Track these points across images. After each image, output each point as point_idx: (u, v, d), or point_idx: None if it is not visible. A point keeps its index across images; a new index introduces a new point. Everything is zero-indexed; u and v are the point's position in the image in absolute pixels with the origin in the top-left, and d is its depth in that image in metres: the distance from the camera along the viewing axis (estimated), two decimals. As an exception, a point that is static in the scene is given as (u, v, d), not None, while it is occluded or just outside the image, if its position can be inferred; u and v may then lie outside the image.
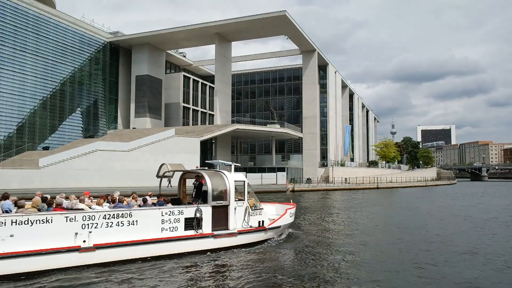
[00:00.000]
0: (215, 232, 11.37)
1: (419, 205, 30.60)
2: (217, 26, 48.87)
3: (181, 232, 10.81)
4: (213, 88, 58.21)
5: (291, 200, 16.42)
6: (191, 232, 10.93)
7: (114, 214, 9.85)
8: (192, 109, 60.55)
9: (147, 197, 11.49)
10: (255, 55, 67.77)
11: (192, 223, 10.99)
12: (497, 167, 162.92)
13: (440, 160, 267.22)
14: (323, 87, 63.59)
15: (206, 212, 11.28)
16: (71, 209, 9.84)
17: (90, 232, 9.41)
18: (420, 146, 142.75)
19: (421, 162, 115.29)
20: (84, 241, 9.30)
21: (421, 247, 12.70)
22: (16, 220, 8.56)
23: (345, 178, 56.66)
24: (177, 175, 14.47)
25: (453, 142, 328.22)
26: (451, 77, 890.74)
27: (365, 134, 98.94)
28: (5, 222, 8.43)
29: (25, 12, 40.82)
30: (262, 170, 50.68)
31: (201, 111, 63.03)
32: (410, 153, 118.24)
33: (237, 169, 13.16)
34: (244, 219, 12.06)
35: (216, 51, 51.19)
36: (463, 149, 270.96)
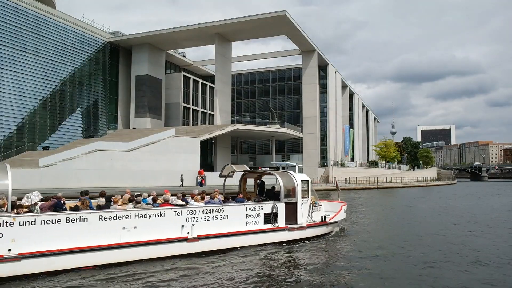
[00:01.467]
0: (289, 226, 12.91)
1: (442, 204, 31.11)
2: (217, 26, 48.87)
3: (261, 225, 12.35)
4: (213, 88, 58.20)
5: (339, 198, 17.72)
6: (269, 226, 12.46)
7: (210, 209, 11.39)
8: (192, 109, 60.54)
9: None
10: (255, 55, 67.77)
11: (270, 217, 12.51)
12: (497, 167, 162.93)
13: (440, 160, 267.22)
14: (323, 87, 63.58)
15: (281, 208, 12.82)
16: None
17: (193, 225, 10.96)
18: (420, 146, 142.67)
19: (421, 162, 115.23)
20: (188, 233, 10.83)
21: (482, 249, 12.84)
22: (138, 214, 10.06)
23: (345, 178, 56.65)
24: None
25: (453, 142, 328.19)
26: (451, 77, 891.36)
27: (365, 134, 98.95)
28: (130, 216, 9.93)
29: (25, 12, 40.81)
30: (262, 170, 50.65)
31: (201, 111, 63.02)
32: (410, 153, 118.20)
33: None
34: (308, 215, 13.52)
35: (216, 51, 51.19)
36: (463, 149, 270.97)
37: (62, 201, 10.33)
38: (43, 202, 10.00)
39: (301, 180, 13.53)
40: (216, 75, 52.29)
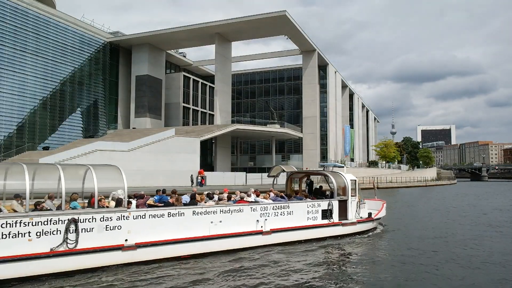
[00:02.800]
0: (343, 221, 14.26)
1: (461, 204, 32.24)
2: (217, 26, 48.86)
3: (319, 221, 13.64)
4: (213, 88, 58.18)
5: (375, 196, 18.83)
6: (325, 221, 13.77)
7: (278, 206, 12.67)
8: (192, 109, 60.52)
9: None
10: (256, 55, 67.75)
11: (326, 213, 13.81)
12: (497, 167, 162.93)
13: (440, 160, 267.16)
14: (323, 87, 63.56)
15: (335, 205, 14.13)
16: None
17: (265, 219, 12.22)
18: (420, 146, 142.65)
19: (421, 162, 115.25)
20: (261, 226, 12.10)
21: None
22: (223, 209, 11.41)
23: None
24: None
25: (453, 142, 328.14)
26: (452, 77, 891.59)
27: (365, 134, 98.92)
28: (216, 211, 11.29)
29: (25, 12, 40.81)
30: (262, 170, 50.60)
31: (201, 111, 63.00)
32: (410, 153, 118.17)
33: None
34: (356, 211, 14.78)
35: (216, 51, 51.17)
36: (463, 149, 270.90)
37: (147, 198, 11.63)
38: (139, 199, 11.21)
39: (350, 180, 14.78)
40: (216, 75, 52.28)
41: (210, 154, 53.63)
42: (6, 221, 8.25)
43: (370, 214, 15.46)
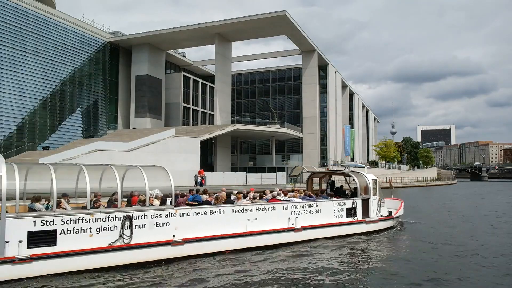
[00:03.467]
0: (366, 219, 14.98)
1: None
2: (217, 26, 48.85)
3: (344, 218, 14.33)
4: (213, 88, 58.16)
5: (392, 195, 19.41)
6: (350, 219, 14.46)
7: (308, 204, 13.38)
8: (192, 109, 60.49)
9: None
10: (256, 55, 67.74)
11: (351, 212, 14.51)
12: (497, 167, 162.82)
13: (440, 160, 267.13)
14: (323, 87, 63.54)
15: (358, 204, 14.81)
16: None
17: (296, 217, 12.91)
18: (420, 146, 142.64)
19: (421, 162, 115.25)
20: (292, 224, 12.77)
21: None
22: (256, 208, 12.09)
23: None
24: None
25: (453, 142, 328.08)
26: (452, 77, 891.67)
27: (365, 134, 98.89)
28: (252, 209, 11.97)
29: (25, 12, 40.80)
30: (262, 170, 50.57)
31: (201, 111, 62.97)
32: (410, 153, 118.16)
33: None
34: (377, 210, 15.48)
35: (216, 51, 51.16)
36: (463, 149, 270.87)
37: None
38: (180, 198, 11.86)
39: (372, 179, 15.52)
40: (216, 75, 52.26)
41: (210, 154, 53.58)
42: (71, 218, 8.98)
43: (390, 212, 16.40)
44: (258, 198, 13.22)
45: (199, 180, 37.21)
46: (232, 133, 49.12)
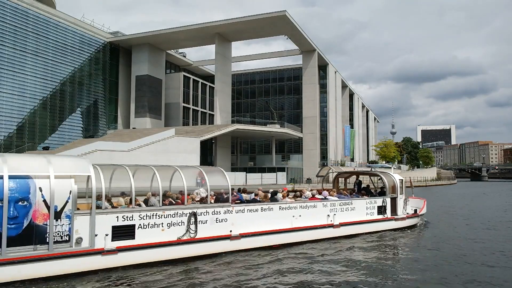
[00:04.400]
0: (395, 217, 15.93)
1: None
2: (217, 26, 48.85)
3: (375, 216, 15.27)
4: (213, 88, 58.15)
5: (413, 194, 19.76)
6: (380, 216, 15.43)
7: (343, 202, 14.34)
8: (192, 109, 60.48)
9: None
10: (256, 55, 67.73)
11: (381, 209, 15.45)
12: (497, 167, 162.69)
13: (440, 160, 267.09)
14: (323, 87, 63.54)
15: (388, 202, 15.74)
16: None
17: (334, 214, 13.83)
18: (420, 146, 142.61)
19: (421, 162, 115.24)
20: (331, 221, 13.67)
21: None
22: (300, 205, 13.09)
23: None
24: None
25: (453, 142, 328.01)
26: (452, 77, 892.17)
27: (365, 134, 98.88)
28: (296, 207, 12.93)
29: (25, 12, 40.80)
30: (262, 170, 50.59)
31: (201, 111, 62.96)
32: (410, 153, 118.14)
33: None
34: (404, 208, 16.37)
35: (216, 51, 51.16)
36: (463, 149, 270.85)
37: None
38: (233, 197, 12.41)
39: (399, 179, 16.39)
40: (216, 75, 52.26)
41: (210, 154, 53.56)
42: (146, 214, 9.99)
43: (415, 210, 17.37)
44: (298, 196, 14.31)
45: (199, 181, 37.07)
46: (232, 133, 49.12)
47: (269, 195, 13.67)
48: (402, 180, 16.61)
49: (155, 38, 52.14)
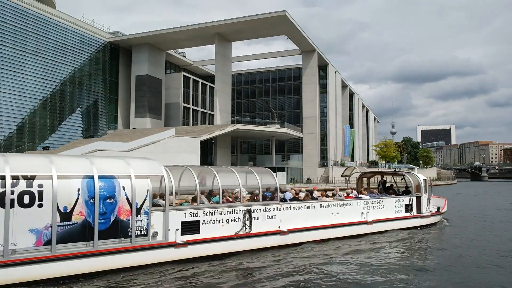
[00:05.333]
0: (420, 214, 16.80)
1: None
2: (217, 26, 48.84)
3: (403, 213, 16.23)
4: (213, 88, 58.15)
5: (432, 193, 20.46)
6: (407, 214, 16.36)
7: (376, 201, 15.28)
8: (192, 109, 60.49)
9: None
10: (256, 55, 67.71)
11: (408, 207, 16.35)
12: (497, 167, 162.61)
13: (440, 160, 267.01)
14: (323, 87, 63.52)
15: (414, 200, 16.65)
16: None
17: (367, 212, 14.81)
18: (420, 146, 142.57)
19: (421, 162, 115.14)
20: (364, 218, 14.63)
21: None
22: (338, 203, 14.05)
23: (345, 178, 56.55)
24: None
25: (453, 142, 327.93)
26: (453, 77, 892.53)
27: (365, 134, 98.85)
28: (335, 205, 13.91)
29: (25, 12, 40.79)
30: (262, 170, 50.53)
31: (201, 111, 62.97)
32: (410, 153, 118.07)
33: None
34: (427, 206, 17.32)
35: (216, 51, 51.15)
36: (463, 149, 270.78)
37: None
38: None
39: (423, 179, 17.31)
40: (216, 75, 52.25)
41: (210, 154, 53.57)
42: (209, 211, 10.96)
43: (438, 208, 18.36)
44: (332, 195, 15.36)
45: (199, 180, 37.06)
46: (232, 133, 49.13)
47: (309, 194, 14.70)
48: (425, 179, 17.58)
49: (155, 38, 52.14)
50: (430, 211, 17.59)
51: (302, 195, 14.69)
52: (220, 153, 50.28)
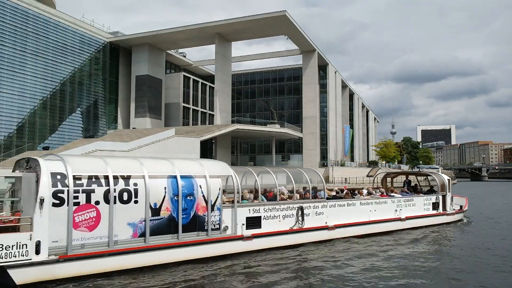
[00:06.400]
0: (446, 212, 18.05)
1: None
2: (217, 26, 48.83)
3: (431, 211, 17.40)
4: (213, 88, 58.15)
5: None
6: (435, 211, 17.61)
7: (406, 199, 16.40)
8: (192, 109, 60.48)
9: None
10: (256, 55, 67.69)
11: (435, 205, 17.58)
12: (497, 167, 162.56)
13: (440, 160, 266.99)
14: (323, 87, 63.51)
15: (440, 199, 17.91)
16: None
17: (400, 209, 15.94)
18: (420, 146, 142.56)
19: (421, 162, 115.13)
20: (398, 215, 15.82)
21: None
22: (375, 201, 15.23)
23: (345, 178, 56.54)
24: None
25: (453, 142, 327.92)
26: (453, 78, 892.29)
27: (365, 134, 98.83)
28: (373, 202, 15.05)
29: (25, 12, 40.79)
30: (262, 170, 50.51)
31: (201, 111, 62.96)
32: (410, 153, 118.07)
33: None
34: (450, 204, 18.46)
35: (216, 51, 51.14)
36: (463, 149, 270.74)
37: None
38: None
39: (447, 179, 18.62)
40: (216, 75, 52.24)
41: (210, 154, 53.55)
42: (268, 207, 12.11)
43: (461, 207, 19.57)
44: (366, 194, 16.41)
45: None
46: (232, 133, 49.11)
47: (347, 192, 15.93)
48: (449, 179, 18.84)
49: (155, 38, 52.13)
50: (453, 209, 18.71)
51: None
52: (220, 153, 50.27)
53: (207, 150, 51.70)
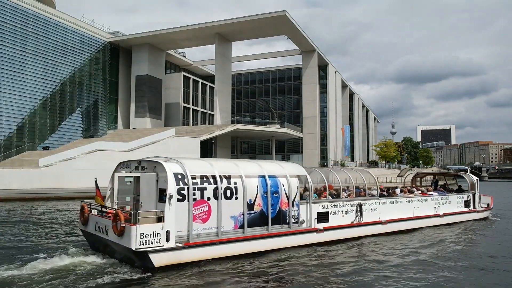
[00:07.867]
0: (476, 209, 19.31)
1: None
2: (217, 26, 48.84)
3: (463, 208, 18.66)
4: (213, 88, 58.16)
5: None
6: (466, 209, 18.77)
7: (443, 197, 17.78)
8: (192, 109, 60.49)
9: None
10: (256, 55, 67.69)
11: (467, 203, 18.88)
12: (497, 167, 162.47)
13: (440, 160, 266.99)
14: (323, 87, 63.50)
15: (471, 197, 19.15)
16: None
17: (438, 207, 17.26)
18: (420, 146, 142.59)
19: (421, 162, 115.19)
20: (437, 212, 17.06)
21: None
22: (418, 199, 16.54)
23: (345, 179, 56.51)
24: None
25: (453, 142, 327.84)
26: (454, 78, 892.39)
27: (365, 134, 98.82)
28: (416, 200, 16.33)
29: (25, 12, 40.81)
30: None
31: (201, 111, 62.97)
32: (410, 153, 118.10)
33: None
34: (478, 202, 19.70)
35: (216, 51, 51.15)
36: (463, 149, 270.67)
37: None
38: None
39: (476, 179, 19.89)
40: (216, 75, 52.24)
41: (210, 154, 53.58)
42: (333, 204, 13.42)
43: (488, 204, 20.75)
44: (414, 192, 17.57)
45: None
46: (232, 133, 49.14)
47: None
48: (477, 179, 20.10)
49: (155, 38, 52.13)
50: (482, 207, 19.98)
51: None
52: (220, 153, 50.29)
53: (207, 150, 51.71)
